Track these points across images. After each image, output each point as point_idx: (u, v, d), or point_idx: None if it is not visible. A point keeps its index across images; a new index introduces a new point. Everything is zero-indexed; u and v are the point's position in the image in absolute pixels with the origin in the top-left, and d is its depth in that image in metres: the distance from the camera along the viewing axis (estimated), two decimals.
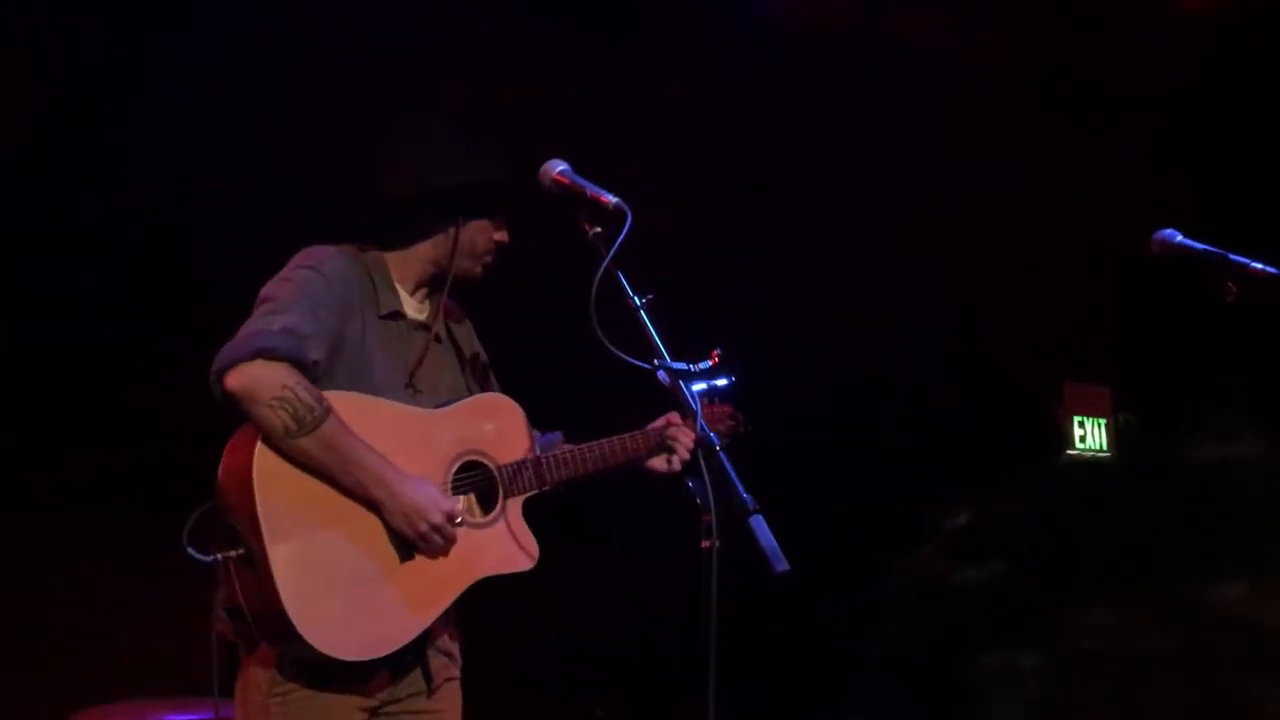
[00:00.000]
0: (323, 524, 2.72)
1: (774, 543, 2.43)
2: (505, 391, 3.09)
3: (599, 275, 2.65)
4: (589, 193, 2.73)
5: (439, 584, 2.82)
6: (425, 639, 2.81)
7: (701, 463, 2.55)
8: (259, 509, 2.64)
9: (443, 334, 3.02)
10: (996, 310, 5.07)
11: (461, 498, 2.91)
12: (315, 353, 2.73)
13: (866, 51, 5.14)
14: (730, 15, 5.03)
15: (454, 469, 2.89)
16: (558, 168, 2.79)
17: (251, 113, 4.28)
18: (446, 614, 2.86)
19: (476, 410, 3.00)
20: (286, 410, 2.64)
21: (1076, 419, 3.53)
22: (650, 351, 2.68)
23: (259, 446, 2.67)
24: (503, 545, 2.92)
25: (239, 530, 2.66)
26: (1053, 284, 5.08)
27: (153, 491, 3.86)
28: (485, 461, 2.93)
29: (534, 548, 2.93)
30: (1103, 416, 3.54)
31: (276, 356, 2.66)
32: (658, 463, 3.05)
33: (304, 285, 2.79)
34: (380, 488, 2.72)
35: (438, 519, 2.74)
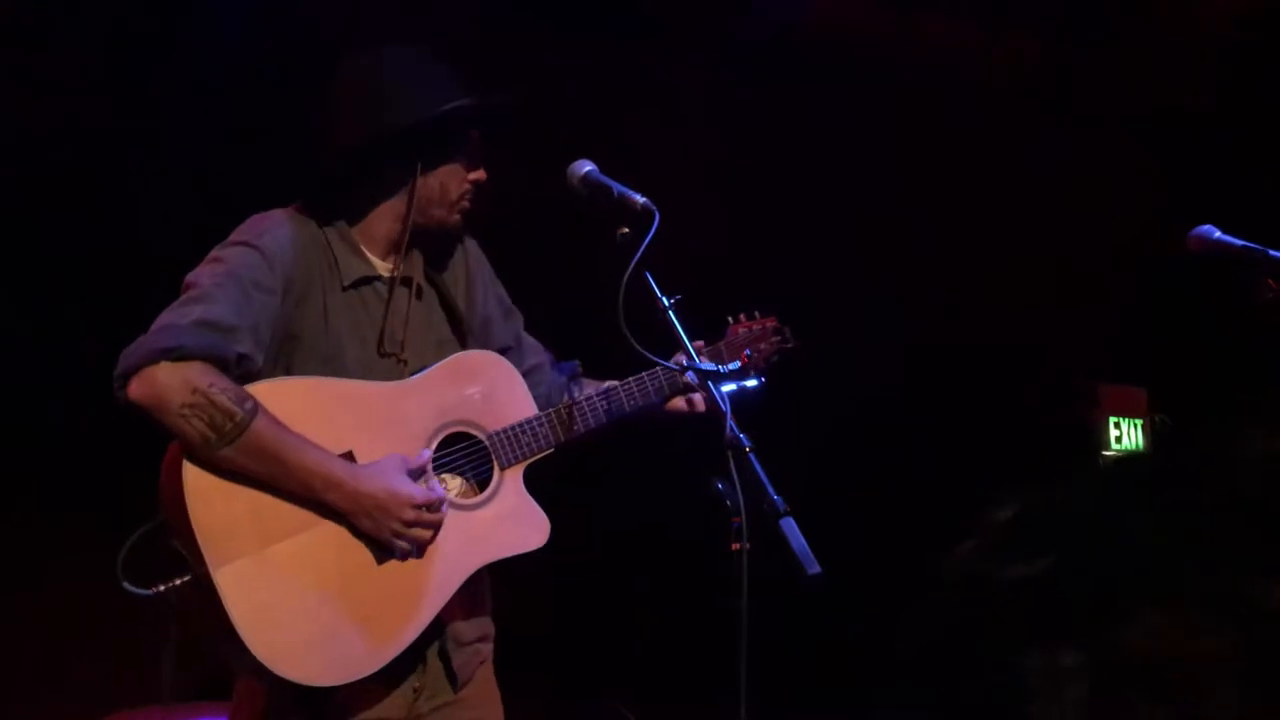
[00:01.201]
0: (275, 536, 2.36)
1: (805, 545, 2.38)
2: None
3: (627, 276, 2.56)
4: (616, 193, 2.64)
5: (432, 580, 2.48)
6: (439, 637, 2.55)
7: (731, 464, 2.47)
8: (196, 531, 2.30)
9: (424, 287, 2.69)
10: (1031, 312, 5.05)
11: (452, 477, 2.59)
12: (242, 345, 2.39)
13: (903, 60, 5.13)
14: (747, 19, 5.02)
15: (436, 443, 2.57)
16: (584, 168, 2.71)
17: (253, 115, 4.28)
18: (463, 599, 2.57)
19: (455, 373, 2.63)
20: (201, 419, 2.29)
21: (1112, 420, 3.49)
22: (679, 352, 2.67)
23: (184, 461, 2.33)
24: (504, 525, 2.59)
25: (182, 553, 2.34)
26: (1087, 285, 5.05)
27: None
28: (473, 431, 2.61)
29: (543, 522, 2.61)
30: (1139, 417, 3.50)
31: (184, 356, 2.31)
32: (679, 403, 2.81)
33: (235, 265, 2.44)
34: (333, 490, 2.38)
35: (409, 515, 2.42)
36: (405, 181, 2.61)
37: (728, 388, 2.83)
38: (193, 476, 2.33)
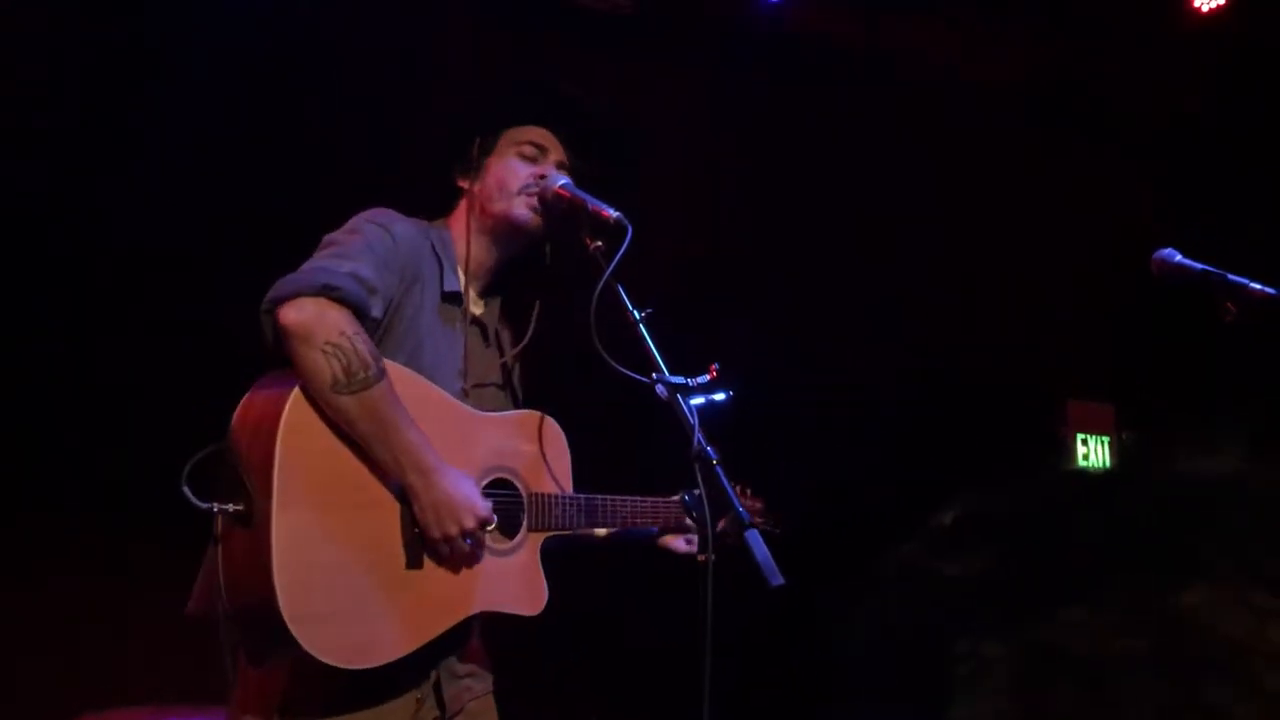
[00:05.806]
0: (342, 503, 2.37)
1: (769, 557, 2.39)
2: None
3: (599, 289, 2.57)
4: (590, 206, 2.66)
5: (438, 606, 2.52)
6: (435, 664, 2.57)
7: (698, 477, 2.46)
8: (276, 464, 2.28)
9: (492, 337, 2.82)
10: (1000, 329, 5.05)
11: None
12: (377, 309, 2.51)
13: (873, 68, 5.13)
14: (739, 33, 5.04)
15: (484, 482, 2.64)
16: (559, 181, 2.74)
17: (252, 119, 4.32)
18: (459, 634, 2.59)
19: (521, 427, 2.74)
20: (340, 360, 2.35)
21: (1080, 436, 3.51)
22: (649, 365, 2.67)
23: (295, 394, 2.34)
24: (510, 580, 2.64)
25: (245, 482, 2.31)
26: (1056, 302, 5.05)
27: (162, 496, 3.90)
28: (516, 483, 2.70)
29: (542, 593, 2.68)
30: (1106, 434, 3.51)
31: (341, 300, 2.40)
32: (676, 541, 2.92)
33: (372, 240, 2.56)
34: (418, 474, 2.43)
35: (470, 523, 2.48)
36: (468, 189, 2.81)
37: (696, 400, 2.86)
38: (298, 411, 2.34)
